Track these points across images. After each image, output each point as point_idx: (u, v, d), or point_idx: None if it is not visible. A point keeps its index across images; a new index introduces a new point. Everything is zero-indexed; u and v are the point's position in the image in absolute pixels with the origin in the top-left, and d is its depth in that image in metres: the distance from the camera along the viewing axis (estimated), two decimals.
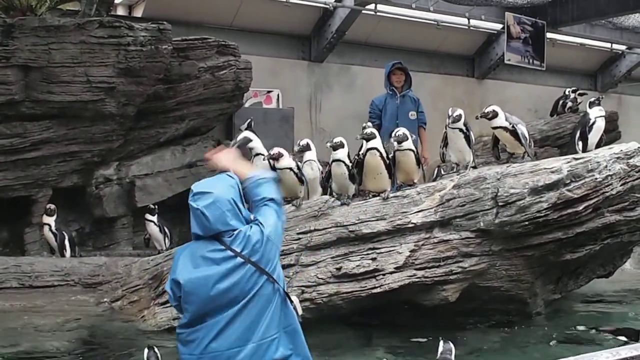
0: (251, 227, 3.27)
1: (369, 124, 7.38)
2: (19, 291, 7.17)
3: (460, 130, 6.57)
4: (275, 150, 6.64)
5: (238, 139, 6.86)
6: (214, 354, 3.15)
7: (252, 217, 3.37)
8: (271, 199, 3.41)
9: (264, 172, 3.61)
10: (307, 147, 6.87)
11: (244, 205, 3.36)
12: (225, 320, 3.15)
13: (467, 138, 6.61)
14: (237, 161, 3.63)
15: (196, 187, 3.31)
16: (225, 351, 3.14)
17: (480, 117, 6.52)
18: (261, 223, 3.30)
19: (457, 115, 6.53)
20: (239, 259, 3.17)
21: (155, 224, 9.11)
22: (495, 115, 6.43)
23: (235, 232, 3.22)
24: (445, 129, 6.76)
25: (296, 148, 6.95)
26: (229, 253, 3.18)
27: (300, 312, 3.37)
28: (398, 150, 6.43)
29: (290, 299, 3.32)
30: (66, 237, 8.46)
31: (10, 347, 5.91)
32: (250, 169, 3.62)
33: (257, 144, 6.94)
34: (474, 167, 6.72)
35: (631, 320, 6.91)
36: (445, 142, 6.83)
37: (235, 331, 3.15)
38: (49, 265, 7.58)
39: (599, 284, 7.57)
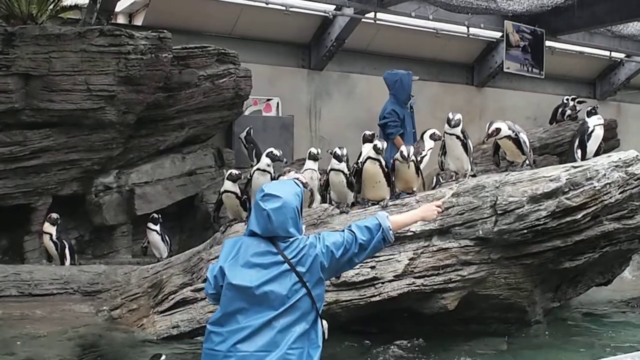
0: (308, 238, 3.33)
1: (378, 135, 7.39)
2: (18, 299, 7.17)
3: (458, 137, 6.56)
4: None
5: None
6: (243, 354, 3.16)
7: (304, 228, 3.43)
8: (351, 231, 3.43)
9: (387, 222, 3.51)
10: (317, 156, 7.08)
11: (302, 214, 3.43)
12: (258, 324, 3.17)
13: (465, 146, 6.61)
14: (412, 217, 3.87)
15: (267, 188, 3.37)
16: (254, 352, 3.15)
17: (487, 139, 6.53)
18: (320, 238, 3.35)
19: (457, 120, 6.50)
20: (286, 266, 3.21)
21: (158, 232, 9.11)
22: (499, 131, 6.42)
23: (292, 239, 3.28)
24: (443, 136, 6.76)
25: (314, 151, 7.24)
26: (279, 258, 3.23)
27: (326, 336, 3.37)
28: (398, 160, 6.44)
29: (322, 320, 3.34)
30: (66, 246, 8.45)
31: (9, 356, 5.91)
32: (398, 223, 3.66)
33: (262, 163, 7.15)
34: (473, 176, 6.73)
35: (630, 328, 6.91)
36: (443, 151, 6.83)
37: (266, 336, 3.17)
38: (48, 273, 7.57)
39: (598, 292, 7.57)
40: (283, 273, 3.21)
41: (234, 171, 7.28)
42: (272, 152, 7.21)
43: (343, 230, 3.45)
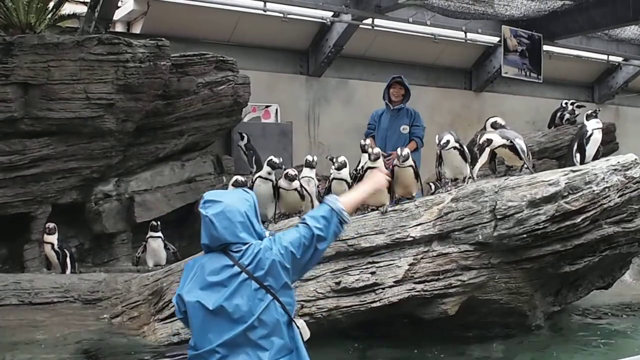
0: (262, 242, 3.17)
1: (368, 141, 7.40)
2: (19, 308, 7.16)
3: (455, 148, 6.54)
4: (291, 172, 6.86)
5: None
6: None
7: (266, 233, 3.27)
8: (305, 224, 3.25)
9: (337, 203, 3.33)
10: (313, 164, 7.12)
11: (258, 221, 3.27)
12: (232, 342, 3.05)
13: (463, 154, 6.59)
14: (362, 190, 3.60)
15: (208, 195, 3.27)
16: None
17: (477, 149, 6.51)
18: (275, 240, 3.18)
19: (444, 143, 6.46)
20: (244, 275, 3.07)
21: (162, 239, 9.08)
22: (490, 142, 6.41)
23: (245, 247, 3.13)
24: (440, 152, 6.69)
25: (310, 158, 7.36)
26: (236, 269, 3.09)
27: (306, 337, 3.24)
28: (397, 166, 6.44)
29: (295, 323, 3.20)
30: (68, 254, 8.45)
31: None
32: (349, 202, 3.45)
33: (263, 171, 7.19)
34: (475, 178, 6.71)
35: (631, 332, 6.91)
36: (439, 161, 6.78)
37: (243, 352, 3.06)
38: (48, 281, 7.57)
39: (599, 296, 7.57)
40: (242, 283, 3.06)
41: (240, 178, 7.29)
42: (272, 160, 7.22)
43: (297, 226, 3.26)
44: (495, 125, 6.90)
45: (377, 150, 6.53)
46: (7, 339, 6.44)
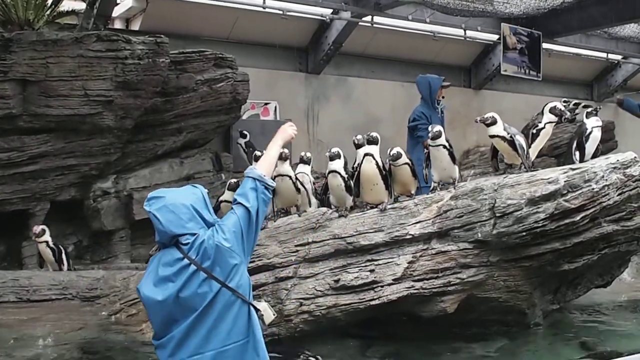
0: (206, 232, 3.28)
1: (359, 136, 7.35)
2: (17, 305, 7.14)
3: (444, 146, 6.50)
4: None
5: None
6: None
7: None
8: (238, 203, 3.41)
9: (255, 171, 3.54)
10: (305, 159, 7.03)
11: (210, 212, 3.38)
12: (184, 330, 3.20)
13: (452, 155, 6.55)
14: (276, 147, 3.79)
15: (152, 193, 3.38)
16: (188, 358, 3.20)
17: (480, 121, 6.48)
18: (217, 228, 3.30)
19: (437, 131, 6.42)
20: (193, 267, 3.20)
21: None
22: (493, 122, 6.38)
23: (193, 238, 3.24)
24: (427, 149, 6.66)
25: (302, 154, 7.21)
26: (185, 262, 3.21)
27: (268, 320, 3.35)
28: (393, 165, 6.42)
29: (255, 308, 3.30)
30: (63, 251, 8.40)
31: (9, 358, 5.90)
32: (266, 165, 3.65)
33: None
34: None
35: (630, 330, 6.91)
36: (427, 163, 6.75)
37: (194, 339, 3.19)
38: (47, 279, 7.55)
39: (598, 294, 7.57)
40: (192, 275, 3.19)
41: (233, 180, 7.27)
42: (256, 154, 7.19)
43: (232, 209, 3.41)
44: (554, 111, 6.66)
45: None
46: (6, 336, 6.45)
